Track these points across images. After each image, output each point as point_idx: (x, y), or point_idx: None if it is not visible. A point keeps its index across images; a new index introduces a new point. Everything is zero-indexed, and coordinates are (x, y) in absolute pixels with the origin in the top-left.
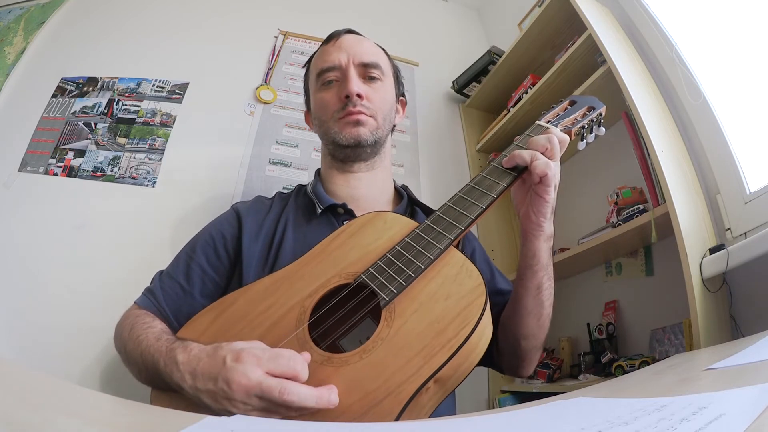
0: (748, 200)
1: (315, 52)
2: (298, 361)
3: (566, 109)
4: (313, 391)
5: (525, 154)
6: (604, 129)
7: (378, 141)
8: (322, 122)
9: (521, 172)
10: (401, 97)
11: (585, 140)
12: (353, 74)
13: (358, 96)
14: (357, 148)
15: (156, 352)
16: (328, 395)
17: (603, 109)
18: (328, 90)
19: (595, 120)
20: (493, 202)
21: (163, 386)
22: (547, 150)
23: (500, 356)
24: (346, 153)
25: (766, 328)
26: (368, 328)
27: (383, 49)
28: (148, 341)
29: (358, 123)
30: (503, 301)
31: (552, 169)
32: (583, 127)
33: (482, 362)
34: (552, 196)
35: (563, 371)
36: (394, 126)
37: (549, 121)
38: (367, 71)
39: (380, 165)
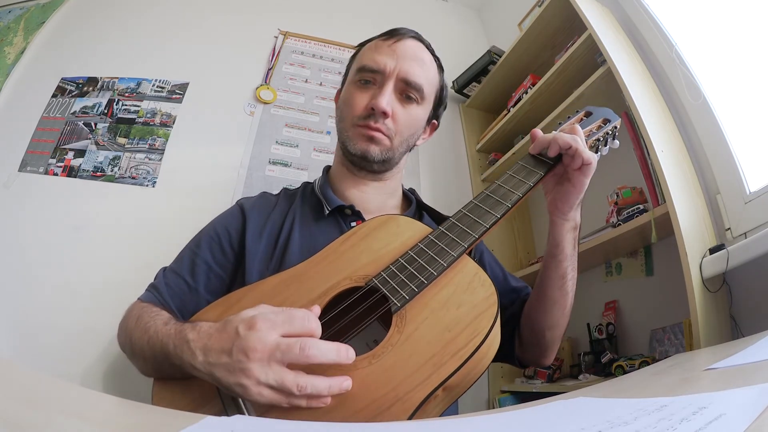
0: (748, 200)
1: (373, 38)
2: (312, 319)
3: (582, 120)
4: (332, 345)
5: (568, 138)
6: (618, 142)
7: (387, 161)
8: (342, 118)
9: (543, 176)
10: (434, 120)
11: (599, 153)
12: (390, 89)
13: (384, 114)
14: (363, 161)
15: (165, 336)
16: (345, 351)
17: (618, 122)
18: (362, 89)
19: (609, 133)
20: (509, 211)
21: (171, 373)
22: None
23: (524, 350)
24: (353, 160)
25: (766, 328)
26: (375, 331)
27: (440, 66)
28: (156, 327)
29: (371, 139)
30: (518, 298)
31: (594, 158)
32: (598, 140)
33: (501, 359)
34: (585, 186)
35: (563, 371)
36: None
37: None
38: (406, 89)
39: (391, 177)
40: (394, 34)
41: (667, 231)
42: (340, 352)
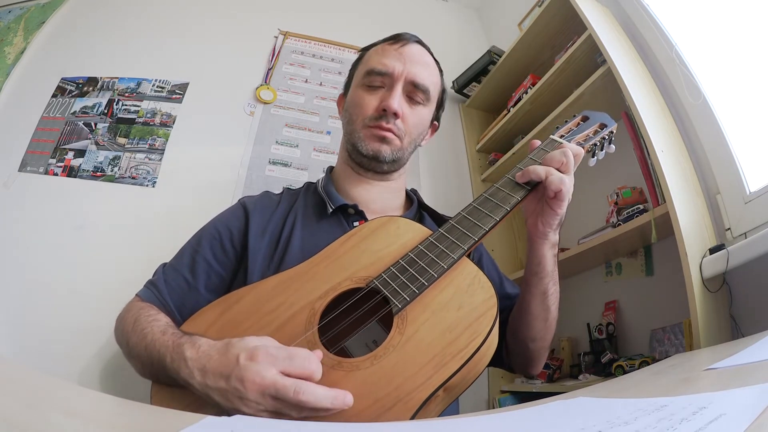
0: (748, 200)
1: (376, 43)
2: (313, 361)
3: (579, 124)
4: (328, 391)
5: (540, 170)
6: (614, 147)
7: (397, 161)
8: (351, 120)
9: (535, 185)
10: (434, 122)
11: (596, 157)
12: (399, 90)
13: (395, 114)
14: (374, 162)
15: (162, 347)
16: (343, 396)
17: (614, 127)
18: (371, 92)
19: (606, 138)
20: (507, 214)
21: (167, 381)
22: (563, 164)
23: (510, 357)
24: (362, 161)
25: (766, 328)
26: (374, 332)
27: (440, 70)
28: (153, 335)
29: (383, 140)
30: (511, 305)
31: (566, 185)
32: (594, 144)
33: (492, 363)
34: (564, 210)
35: (563, 371)
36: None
37: (562, 136)
38: (414, 92)
39: (397, 177)
40: (399, 39)
41: (667, 231)
42: (336, 399)
